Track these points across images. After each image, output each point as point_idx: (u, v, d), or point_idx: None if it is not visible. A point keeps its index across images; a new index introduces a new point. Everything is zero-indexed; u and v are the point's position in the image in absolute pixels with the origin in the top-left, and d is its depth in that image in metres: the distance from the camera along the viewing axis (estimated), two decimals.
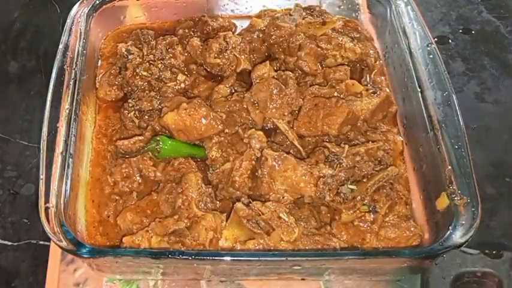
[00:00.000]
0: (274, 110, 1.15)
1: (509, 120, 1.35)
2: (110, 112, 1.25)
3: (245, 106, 1.17)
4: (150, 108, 1.18)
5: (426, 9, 1.56)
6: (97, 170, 1.16)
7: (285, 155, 1.07)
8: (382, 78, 1.26)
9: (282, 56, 1.29)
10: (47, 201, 0.96)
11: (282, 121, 1.14)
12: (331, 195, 1.04)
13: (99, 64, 1.32)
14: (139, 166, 1.12)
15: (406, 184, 1.12)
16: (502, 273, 0.80)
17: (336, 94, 1.17)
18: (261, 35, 1.33)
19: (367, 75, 1.26)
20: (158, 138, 1.12)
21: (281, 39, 1.29)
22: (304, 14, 1.34)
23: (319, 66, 1.26)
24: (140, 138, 1.16)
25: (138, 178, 1.13)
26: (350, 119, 1.13)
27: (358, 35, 1.32)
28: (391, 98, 1.20)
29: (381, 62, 1.30)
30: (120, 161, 1.14)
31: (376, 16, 1.36)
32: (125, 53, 1.27)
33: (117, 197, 1.12)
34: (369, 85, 1.22)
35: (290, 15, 1.35)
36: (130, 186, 1.13)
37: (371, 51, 1.29)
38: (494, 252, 0.83)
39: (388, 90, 1.21)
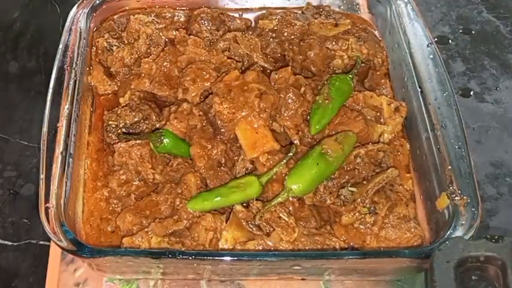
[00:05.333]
0: (287, 118, 1.14)
1: (509, 120, 1.35)
2: (108, 107, 1.24)
3: None
4: (136, 120, 1.17)
5: (426, 9, 1.56)
6: (94, 183, 1.15)
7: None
8: (387, 80, 1.25)
9: (291, 54, 1.29)
10: (47, 201, 0.96)
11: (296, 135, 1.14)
12: (332, 198, 1.05)
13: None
14: (138, 169, 1.12)
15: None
16: (505, 256, 0.81)
17: (353, 104, 1.16)
18: (273, 35, 1.32)
19: (370, 78, 1.26)
20: (162, 131, 1.12)
21: (292, 36, 1.29)
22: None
23: (327, 67, 1.26)
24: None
25: (137, 182, 1.13)
26: (360, 136, 1.12)
27: (366, 35, 1.32)
28: (406, 109, 1.18)
29: (387, 63, 1.29)
30: (117, 167, 1.14)
31: (376, 16, 1.36)
32: (108, 46, 1.27)
33: (115, 201, 1.11)
34: (381, 90, 1.22)
35: (302, 13, 1.35)
36: (128, 189, 1.13)
37: (378, 52, 1.29)
38: (496, 236, 0.84)
39: (404, 104, 1.18)
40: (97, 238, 1.08)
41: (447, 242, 0.87)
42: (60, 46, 1.17)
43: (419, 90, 1.12)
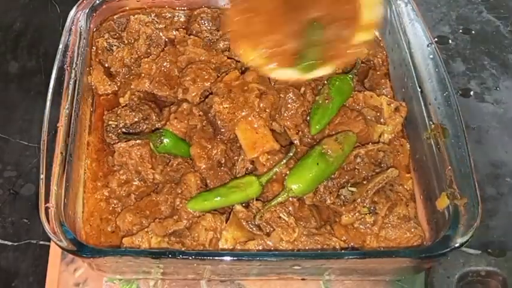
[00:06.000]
0: (287, 118, 1.14)
1: (509, 120, 1.35)
2: (108, 107, 1.24)
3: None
4: (136, 120, 1.17)
5: (426, 9, 1.56)
6: (94, 184, 1.15)
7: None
8: (387, 80, 1.25)
9: None
10: (47, 201, 0.96)
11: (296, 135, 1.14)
12: (332, 198, 1.05)
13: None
14: (138, 169, 1.12)
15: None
16: (506, 272, 0.80)
17: (353, 104, 1.17)
18: None
19: (370, 78, 1.26)
20: (162, 131, 1.12)
21: None
22: None
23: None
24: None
25: (137, 182, 1.13)
26: (360, 136, 1.12)
27: None
28: (406, 109, 1.18)
29: (387, 63, 1.29)
30: (117, 167, 1.14)
31: None
32: (108, 46, 1.27)
33: (115, 201, 1.11)
34: (380, 90, 1.22)
35: None
36: (128, 189, 1.12)
37: (378, 52, 1.29)
38: (497, 251, 0.83)
39: (404, 104, 1.18)
40: (97, 238, 1.08)
41: (447, 256, 0.86)
42: (60, 46, 1.17)
43: (419, 90, 1.12)
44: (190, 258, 0.93)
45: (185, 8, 1.39)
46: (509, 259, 0.83)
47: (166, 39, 1.31)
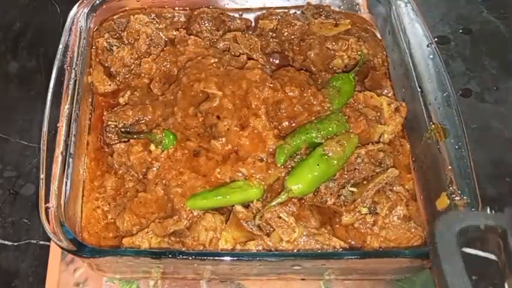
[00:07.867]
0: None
1: (510, 120, 1.35)
2: (108, 107, 1.23)
3: None
4: (136, 119, 1.17)
5: (426, 9, 1.56)
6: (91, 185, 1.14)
7: None
8: (387, 80, 1.25)
9: (291, 54, 1.29)
10: (47, 201, 0.96)
11: None
12: (333, 199, 1.05)
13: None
14: (137, 169, 1.12)
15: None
16: (505, 224, 0.80)
17: (353, 104, 1.17)
18: (273, 35, 1.33)
19: (370, 78, 1.26)
20: (162, 131, 1.12)
21: (292, 36, 1.30)
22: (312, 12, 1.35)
23: (327, 67, 1.26)
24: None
25: (136, 182, 1.13)
26: (361, 136, 1.11)
27: (366, 35, 1.32)
28: (406, 109, 1.18)
29: (387, 63, 1.29)
30: (116, 167, 1.14)
31: (376, 16, 1.36)
32: (108, 46, 1.27)
33: (114, 202, 1.11)
34: (381, 90, 1.23)
35: (302, 13, 1.35)
36: (126, 190, 1.12)
37: (378, 52, 1.29)
38: (496, 207, 0.83)
39: (404, 104, 1.18)
40: (97, 242, 1.08)
41: (447, 213, 0.87)
42: (60, 46, 1.17)
43: (419, 90, 1.12)
44: (190, 258, 0.93)
45: (185, 8, 1.39)
46: (508, 214, 0.82)
47: (167, 39, 1.31)
